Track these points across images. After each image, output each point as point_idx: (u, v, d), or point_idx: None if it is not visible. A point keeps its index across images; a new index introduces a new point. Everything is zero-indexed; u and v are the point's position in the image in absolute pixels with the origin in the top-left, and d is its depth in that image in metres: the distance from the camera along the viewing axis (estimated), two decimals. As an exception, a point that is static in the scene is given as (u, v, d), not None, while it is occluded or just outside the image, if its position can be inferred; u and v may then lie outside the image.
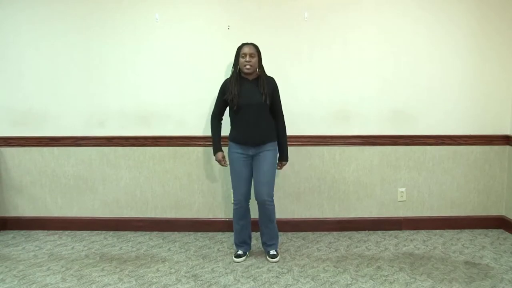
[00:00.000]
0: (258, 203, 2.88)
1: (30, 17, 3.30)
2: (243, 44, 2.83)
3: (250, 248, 3.06)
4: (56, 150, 3.46)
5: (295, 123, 3.31)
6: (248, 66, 2.78)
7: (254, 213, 2.98)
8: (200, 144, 3.40)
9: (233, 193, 2.96)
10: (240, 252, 2.97)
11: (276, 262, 2.90)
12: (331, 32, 3.29)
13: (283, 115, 2.95)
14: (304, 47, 3.30)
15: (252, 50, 2.79)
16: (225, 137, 2.97)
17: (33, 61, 3.36)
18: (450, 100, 3.37)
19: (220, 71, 3.29)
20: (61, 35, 3.32)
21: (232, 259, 2.95)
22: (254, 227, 3.06)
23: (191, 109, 3.37)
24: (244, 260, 2.94)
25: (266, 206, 2.86)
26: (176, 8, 3.27)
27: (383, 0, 3.26)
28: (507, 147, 3.43)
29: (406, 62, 3.32)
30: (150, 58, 3.33)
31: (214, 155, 2.96)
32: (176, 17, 3.28)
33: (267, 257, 2.94)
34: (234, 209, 2.95)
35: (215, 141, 2.95)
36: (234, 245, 3.04)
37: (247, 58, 2.77)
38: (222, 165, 2.97)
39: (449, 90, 3.36)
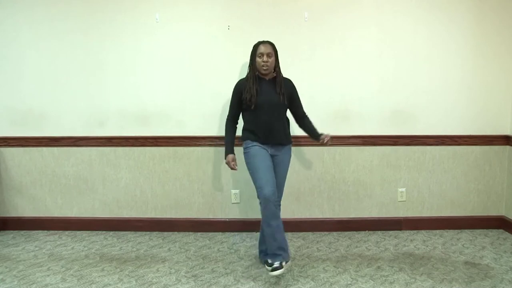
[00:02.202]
0: None
1: (30, 17, 3.30)
2: (260, 43, 2.67)
3: (289, 257, 2.67)
4: (56, 150, 3.46)
5: (295, 123, 3.31)
6: (265, 67, 2.63)
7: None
8: (200, 144, 3.40)
9: (261, 188, 2.53)
10: (276, 264, 2.51)
11: (278, 274, 2.53)
12: (331, 32, 3.29)
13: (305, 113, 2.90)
14: (304, 47, 3.30)
15: (269, 49, 2.64)
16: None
17: (33, 61, 3.36)
18: (450, 100, 3.37)
19: (220, 71, 3.29)
20: (61, 35, 3.32)
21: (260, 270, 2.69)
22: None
23: (191, 109, 3.37)
24: (284, 273, 2.60)
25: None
26: (176, 8, 3.27)
27: (383, 0, 3.26)
28: (507, 147, 3.43)
29: (406, 62, 3.32)
30: (150, 58, 3.33)
31: (225, 158, 2.73)
32: (176, 17, 3.28)
33: (266, 266, 2.57)
34: (264, 207, 2.52)
35: (228, 143, 2.75)
36: (262, 257, 2.73)
37: (265, 58, 2.62)
38: (231, 168, 2.71)
39: (449, 90, 3.36)
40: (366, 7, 3.27)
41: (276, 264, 2.51)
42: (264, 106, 2.66)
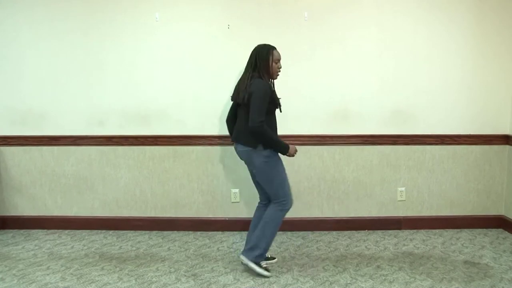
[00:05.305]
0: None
1: (30, 17, 3.31)
2: (274, 48, 2.63)
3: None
4: (55, 149, 3.46)
5: (295, 122, 3.32)
6: (279, 74, 2.69)
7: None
8: (199, 144, 3.40)
9: (286, 196, 2.68)
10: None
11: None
12: (331, 32, 3.29)
13: None
14: (304, 47, 3.30)
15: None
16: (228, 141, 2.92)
17: (33, 61, 3.36)
18: (450, 100, 3.37)
19: (220, 71, 3.29)
20: (61, 35, 3.32)
21: (263, 273, 2.67)
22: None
23: (191, 108, 3.37)
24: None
25: None
26: (176, 7, 3.28)
27: (383, 0, 3.26)
28: (507, 146, 3.43)
29: (406, 62, 3.33)
30: (150, 57, 3.33)
31: (288, 151, 2.60)
32: (176, 16, 3.29)
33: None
34: (285, 210, 2.69)
35: (279, 139, 2.58)
36: (260, 256, 2.69)
37: (280, 65, 2.66)
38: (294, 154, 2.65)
39: (448, 89, 3.36)
40: (366, 7, 3.27)
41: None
42: (276, 110, 2.69)
